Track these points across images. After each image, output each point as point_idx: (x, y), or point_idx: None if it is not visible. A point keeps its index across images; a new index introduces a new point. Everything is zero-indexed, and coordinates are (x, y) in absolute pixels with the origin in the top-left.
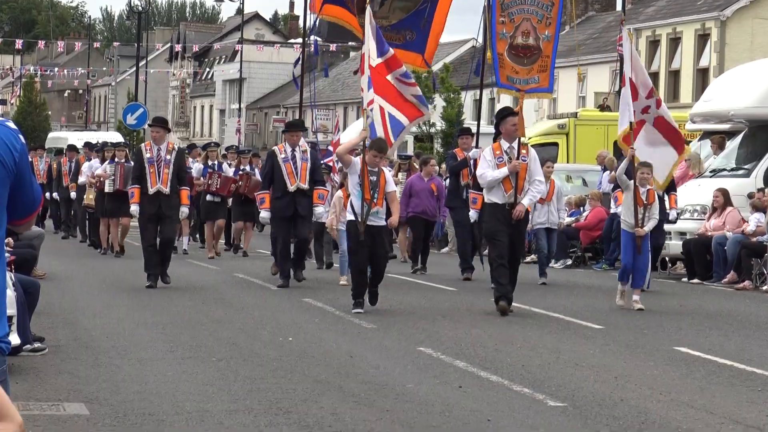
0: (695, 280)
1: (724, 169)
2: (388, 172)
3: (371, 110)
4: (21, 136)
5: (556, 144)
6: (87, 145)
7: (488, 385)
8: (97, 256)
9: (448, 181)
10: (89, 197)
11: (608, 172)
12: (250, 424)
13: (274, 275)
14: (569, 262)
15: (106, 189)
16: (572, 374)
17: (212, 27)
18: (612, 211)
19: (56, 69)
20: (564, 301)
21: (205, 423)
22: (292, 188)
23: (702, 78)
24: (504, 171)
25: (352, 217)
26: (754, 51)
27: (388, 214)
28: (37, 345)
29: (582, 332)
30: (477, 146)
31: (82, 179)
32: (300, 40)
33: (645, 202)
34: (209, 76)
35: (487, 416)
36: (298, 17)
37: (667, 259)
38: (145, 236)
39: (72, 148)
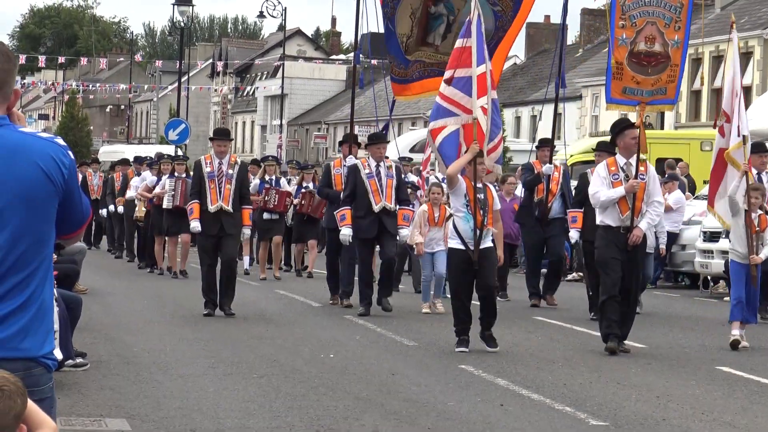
0: None
1: None
2: (494, 188)
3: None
4: (70, 153)
5: None
6: (137, 159)
7: (530, 403)
8: (140, 272)
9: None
10: (141, 210)
11: None
12: None
13: (332, 305)
14: None
15: (165, 205)
16: (614, 393)
17: (254, 43)
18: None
19: (98, 84)
20: None
21: None
22: (377, 208)
23: (745, 96)
24: (620, 191)
25: (457, 245)
26: None
27: None
28: (79, 360)
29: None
30: (551, 162)
31: (130, 193)
32: (342, 56)
33: (758, 228)
34: (251, 92)
35: None
36: (339, 33)
37: (709, 278)
38: (203, 258)
39: (123, 162)
